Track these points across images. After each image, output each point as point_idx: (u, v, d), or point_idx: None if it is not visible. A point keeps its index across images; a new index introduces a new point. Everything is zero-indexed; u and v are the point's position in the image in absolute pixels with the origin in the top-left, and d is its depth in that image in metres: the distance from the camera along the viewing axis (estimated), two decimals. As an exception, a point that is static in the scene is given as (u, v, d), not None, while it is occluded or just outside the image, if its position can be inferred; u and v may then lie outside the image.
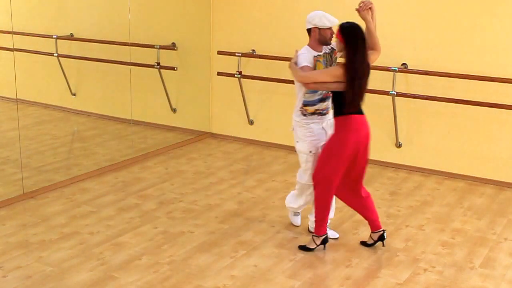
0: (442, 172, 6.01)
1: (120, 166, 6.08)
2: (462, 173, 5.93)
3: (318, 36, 4.22)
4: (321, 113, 4.33)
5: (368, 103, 6.14)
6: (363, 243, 4.43)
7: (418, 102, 5.94)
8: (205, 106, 7.26)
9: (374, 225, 4.36)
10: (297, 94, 4.33)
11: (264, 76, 6.63)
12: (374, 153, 6.30)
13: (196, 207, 5.09)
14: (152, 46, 6.84)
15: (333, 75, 3.97)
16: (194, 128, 7.27)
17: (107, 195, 5.30)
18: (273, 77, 6.59)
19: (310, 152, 4.34)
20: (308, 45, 4.29)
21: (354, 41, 3.96)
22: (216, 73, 6.97)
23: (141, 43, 6.76)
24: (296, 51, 4.26)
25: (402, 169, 6.16)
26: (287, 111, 6.72)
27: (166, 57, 6.92)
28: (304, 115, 4.32)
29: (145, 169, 6.06)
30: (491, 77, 5.51)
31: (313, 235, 4.31)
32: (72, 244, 4.30)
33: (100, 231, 4.54)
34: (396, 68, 5.86)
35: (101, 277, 3.85)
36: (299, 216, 4.76)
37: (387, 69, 5.89)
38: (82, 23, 6.95)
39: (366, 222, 4.82)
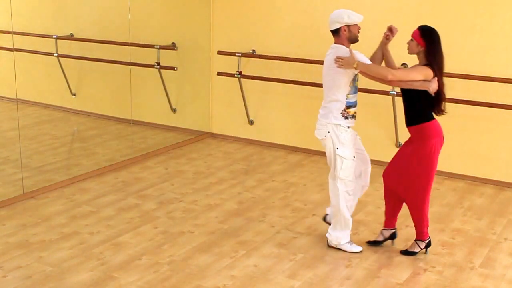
0: (442, 172, 6.01)
1: (120, 166, 6.08)
2: (462, 173, 5.93)
3: (348, 34, 4.15)
4: (355, 116, 4.23)
5: (368, 103, 6.18)
6: (371, 243, 4.42)
7: (418, 102, 5.93)
8: (205, 106, 7.26)
9: (392, 223, 4.38)
10: (331, 95, 4.14)
11: (264, 76, 6.63)
12: (374, 153, 6.29)
13: (196, 207, 5.09)
14: (152, 46, 6.84)
15: (424, 74, 3.99)
16: (194, 128, 7.27)
17: (107, 195, 5.31)
18: (273, 77, 6.59)
19: (354, 157, 4.21)
20: (344, 45, 4.16)
21: (437, 42, 4.04)
22: (216, 73, 6.97)
23: (141, 43, 6.76)
24: (350, 50, 4.10)
25: (402, 169, 6.16)
26: (287, 111, 6.75)
27: (166, 57, 6.92)
28: (346, 118, 4.15)
29: (145, 169, 6.06)
30: (491, 77, 5.51)
31: (416, 240, 4.25)
32: (72, 244, 4.30)
33: (100, 231, 4.54)
34: (396, 68, 5.85)
35: (101, 277, 3.85)
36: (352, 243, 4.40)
37: (387, 69, 5.88)
38: (82, 23, 6.96)
39: (366, 222, 4.83)
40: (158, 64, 6.83)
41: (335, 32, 4.17)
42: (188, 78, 7.21)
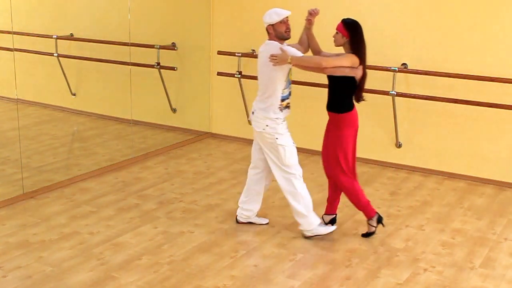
0: (442, 172, 6.01)
1: (120, 166, 6.08)
2: (462, 173, 5.93)
3: (274, 32, 4.35)
4: (289, 106, 4.43)
5: (368, 103, 6.14)
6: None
7: (418, 102, 5.94)
8: (205, 106, 7.26)
9: (331, 209, 4.67)
10: (268, 91, 4.35)
11: (264, 76, 6.63)
12: (374, 153, 6.32)
13: (196, 207, 5.09)
14: (152, 46, 6.84)
15: (352, 61, 4.23)
16: (194, 128, 7.27)
17: (107, 195, 5.30)
18: (273, 77, 6.58)
19: (293, 143, 4.42)
20: (278, 42, 4.35)
21: (360, 33, 4.27)
22: (216, 73, 6.97)
23: (141, 43, 6.76)
24: (281, 47, 4.26)
25: (402, 169, 6.16)
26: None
27: (166, 57, 6.92)
28: (282, 110, 4.37)
29: (145, 169, 6.06)
30: (491, 77, 5.51)
31: (367, 221, 4.51)
32: (72, 244, 4.30)
33: (100, 231, 4.54)
34: (396, 68, 5.86)
35: (101, 277, 3.85)
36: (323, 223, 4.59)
37: (387, 69, 5.89)
38: (82, 23, 6.95)
39: (366, 222, 4.83)
40: (158, 64, 6.83)
41: (266, 32, 4.41)
42: (188, 78, 7.21)
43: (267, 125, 4.35)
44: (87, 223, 4.68)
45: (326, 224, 4.63)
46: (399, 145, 6.17)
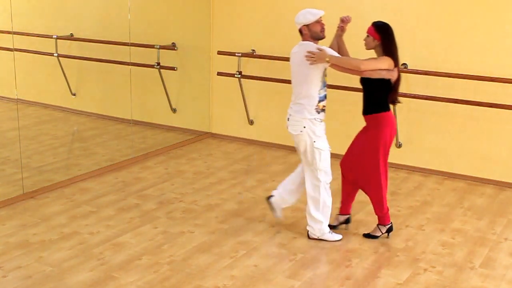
0: (442, 172, 6.01)
1: (120, 166, 6.08)
2: (462, 173, 5.93)
3: (309, 33, 4.29)
4: (324, 109, 4.36)
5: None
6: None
7: (418, 102, 5.94)
8: (205, 106, 7.26)
9: (346, 209, 4.64)
10: (303, 91, 4.24)
11: (264, 76, 6.63)
12: (374, 153, 6.31)
13: (196, 207, 5.09)
14: (152, 46, 6.84)
15: (388, 64, 4.24)
16: (194, 128, 7.27)
17: (107, 195, 5.30)
18: (273, 77, 6.59)
19: (329, 147, 4.37)
20: (310, 42, 4.30)
21: (391, 36, 4.29)
22: (216, 73, 6.97)
23: (141, 43, 6.76)
24: (318, 48, 4.21)
25: (402, 169, 6.16)
26: (287, 111, 6.73)
27: (166, 57, 6.92)
28: (318, 112, 4.29)
29: (145, 169, 6.06)
30: (491, 77, 5.51)
31: (378, 224, 4.49)
32: (72, 244, 4.30)
33: (100, 231, 4.54)
34: (396, 68, 5.86)
35: (101, 277, 3.85)
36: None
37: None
38: (82, 23, 6.96)
39: (366, 222, 4.83)
40: (158, 64, 6.83)
41: (300, 33, 4.35)
42: (188, 78, 7.21)
43: (304, 127, 4.27)
44: (87, 223, 4.68)
45: (341, 223, 4.62)
46: (399, 145, 6.17)
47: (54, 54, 6.81)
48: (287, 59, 6.47)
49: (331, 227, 4.56)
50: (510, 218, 4.99)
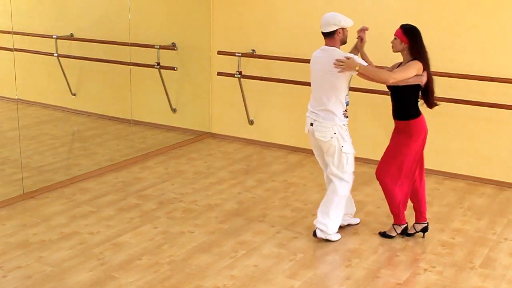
0: (442, 172, 6.01)
1: (120, 166, 6.08)
2: (462, 173, 5.93)
3: (342, 37, 4.27)
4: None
5: (368, 103, 6.18)
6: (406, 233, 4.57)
7: (418, 102, 5.94)
8: (205, 106, 7.26)
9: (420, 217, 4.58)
10: (332, 98, 4.23)
11: (264, 76, 6.63)
12: (374, 153, 6.29)
13: (196, 207, 5.09)
14: (152, 46, 6.84)
15: (417, 69, 4.19)
16: (194, 128, 7.27)
17: (107, 195, 5.31)
18: (273, 77, 6.59)
19: (354, 152, 4.41)
20: (336, 47, 4.26)
21: (419, 38, 4.27)
22: (216, 73, 6.97)
23: (141, 43, 6.76)
24: (347, 56, 4.18)
25: (402, 169, 6.16)
26: (287, 111, 6.74)
27: (166, 57, 6.92)
28: (346, 117, 4.33)
29: (145, 169, 6.06)
30: (491, 77, 5.51)
31: (394, 224, 4.51)
32: (72, 244, 4.30)
33: (100, 231, 4.54)
34: (396, 68, 5.85)
35: (101, 277, 3.85)
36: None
37: (387, 69, 5.88)
38: (82, 23, 6.96)
39: (366, 222, 4.84)
40: (158, 64, 6.83)
41: (330, 34, 4.26)
42: (188, 78, 7.21)
43: (335, 133, 4.27)
44: (87, 223, 4.68)
45: (417, 231, 4.56)
46: (399, 145, 6.16)
47: (54, 54, 6.81)
48: (287, 59, 6.53)
49: (408, 234, 4.58)
50: (510, 218, 4.99)
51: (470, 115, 5.77)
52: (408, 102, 4.29)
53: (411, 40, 4.23)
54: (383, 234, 4.54)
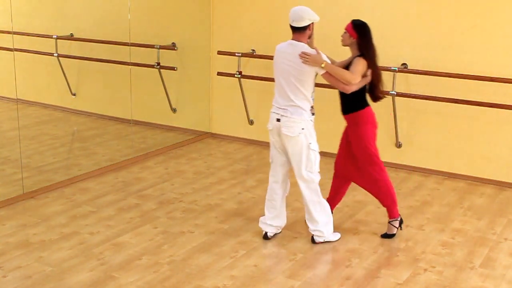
0: (442, 172, 6.01)
1: (120, 166, 6.08)
2: (462, 173, 5.93)
3: (311, 32, 4.24)
4: None
5: (368, 103, 6.16)
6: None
7: (418, 102, 5.94)
8: (205, 106, 7.26)
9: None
10: (299, 93, 4.16)
11: (264, 76, 6.63)
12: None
13: (196, 207, 5.09)
14: (152, 46, 6.84)
15: (363, 65, 4.25)
16: (194, 128, 7.27)
17: (107, 195, 5.31)
18: (273, 77, 6.57)
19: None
20: (305, 43, 4.20)
21: (368, 35, 4.31)
22: (216, 73, 6.97)
23: (141, 43, 6.76)
24: (317, 49, 4.14)
25: (402, 169, 6.16)
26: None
27: (166, 57, 6.92)
28: (313, 113, 4.26)
29: (145, 169, 6.06)
30: (491, 77, 5.51)
31: (390, 221, 4.53)
32: (72, 244, 4.30)
33: (100, 231, 4.54)
34: (396, 68, 5.86)
35: (101, 277, 3.85)
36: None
37: (387, 69, 5.88)
38: (82, 23, 6.95)
39: (366, 221, 4.84)
40: (158, 64, 6.83)
41: (302, 29, 4.17)
42: (188, 78, 7.21)
43: (303, 128, 4.17)
44: (87, 223, 4.68)
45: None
46: (399, 145, 6.17)
47: (54, 54, 6.81)
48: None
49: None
50: (510, 218, 5.00)
51: (470, 115, 5.77)
52: (355, 97, 4.32)
53: (360, 35, 4.28)
54: (385, 235, 4.54)
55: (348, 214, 4.95)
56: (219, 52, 6.89)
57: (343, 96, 4.37)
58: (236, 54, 6.69)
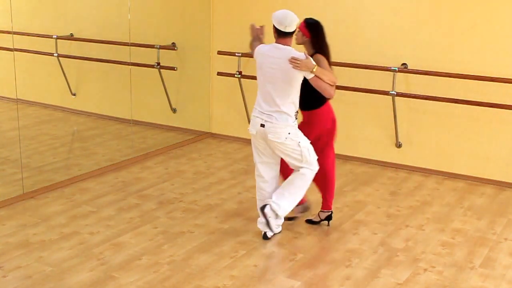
0: (442, 172, 6.01)
1: (120, 166, 6.08)
2: (462, 173, 5.93)
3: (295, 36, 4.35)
4: None
5: (368, 103, 6.18)
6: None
7: (418, 102, 5.94)
8: (205, 106, 7.26)
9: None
10: (287, 98, 4.16)
11: (264, 76, 6.62)
12: (374, 153, 6.32)
13: (196, 207, 5.09)
14: (152, 46, 6.84)
15: (327, 63, 4.31)
16: (194, 128, 7.27)
17: (107, 195, 5.31)
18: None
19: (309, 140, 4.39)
20: (290, 46, 4.22)
21: (321, 34, 4.37)
22: (216, 73, 6.97)
23: (141, 43, 6.76)
24: (306, 55, 4.14)
25: (402, 169, 6.16)
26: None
27: (166, 57, 6.92)
28: (296, 118, 4.31)
29: (145, 169, 6.06)
30: (491, 77, 5.51)
31: (321, 211, 4.69)
32: (72, 244, 4.30)
33: (100, 231, 4.54)
34: (396, 68, 5.86)
35: (101, 277, 3.85)
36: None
37: (387, 69, 5.89)
38: (82, 23, 6.95)
39: (366, 221, 4.83)
40: (158, 64, 6.83)
41: (289, 34, 4.21)
42: (188, 78, 7.21)
43: (289, 133, 4.19)
44: (87, 223, 4.68)
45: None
46: (399, 145, 6.17)
47: (54, 54, 6.81)
48: (287, 59, 6.51)
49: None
50: (510, 218, 5.00)
51: (470, 115, 5.77)
52: (314, 93, 4.30)
53: (312, 34, 4.33)
54: (309, 221, 4.72)
55: (348, 214, 4.95)
56: (219, 52, 6.89)
57: (307, 94, 4.32)
58: (236, 54, 6.69)
